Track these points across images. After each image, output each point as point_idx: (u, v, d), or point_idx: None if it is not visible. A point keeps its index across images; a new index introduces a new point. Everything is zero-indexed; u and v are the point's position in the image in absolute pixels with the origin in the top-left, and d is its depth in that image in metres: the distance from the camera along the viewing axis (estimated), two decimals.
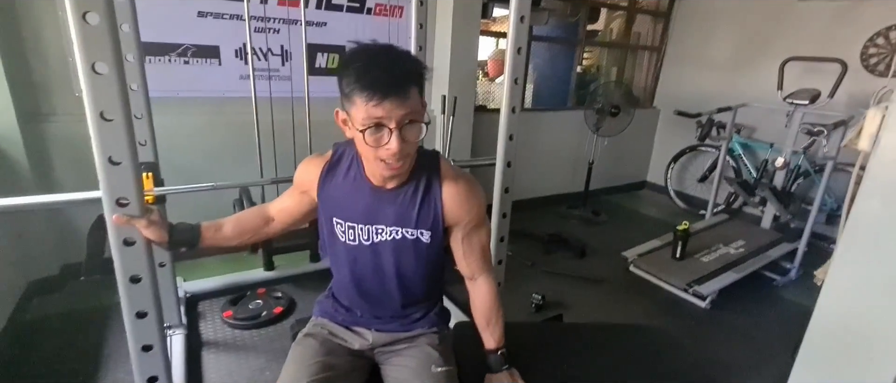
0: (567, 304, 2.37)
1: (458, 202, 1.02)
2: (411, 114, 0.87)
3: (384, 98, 0.83)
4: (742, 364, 1.96)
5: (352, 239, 1.04)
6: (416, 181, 1.01)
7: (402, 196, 1.01)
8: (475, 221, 1.06)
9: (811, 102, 2.71)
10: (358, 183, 1.02)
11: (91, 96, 0.89)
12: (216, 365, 1.77)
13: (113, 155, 0.95)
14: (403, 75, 0.86)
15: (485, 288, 1.11)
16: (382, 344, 1.11)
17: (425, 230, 1.02)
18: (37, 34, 2.02)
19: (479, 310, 1.12)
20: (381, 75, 0.84)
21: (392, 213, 1.01)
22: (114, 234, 1.00)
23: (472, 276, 1.12)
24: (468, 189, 1.03)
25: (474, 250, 1.08)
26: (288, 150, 2.23)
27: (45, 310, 2.05)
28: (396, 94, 0.84)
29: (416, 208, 1.01)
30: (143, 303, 1.07)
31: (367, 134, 0.86)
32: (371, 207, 1.01)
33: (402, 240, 1.02)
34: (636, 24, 4.27)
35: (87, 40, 0.87)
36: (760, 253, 2.79)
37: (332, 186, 1.04)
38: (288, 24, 2.49)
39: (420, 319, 1.12)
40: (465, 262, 1.09)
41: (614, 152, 3.95)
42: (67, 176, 2.16)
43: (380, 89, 0.83)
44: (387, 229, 1.02)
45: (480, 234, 1.08)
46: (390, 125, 0.86)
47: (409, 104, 0.86)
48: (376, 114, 0.84)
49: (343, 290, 1.13)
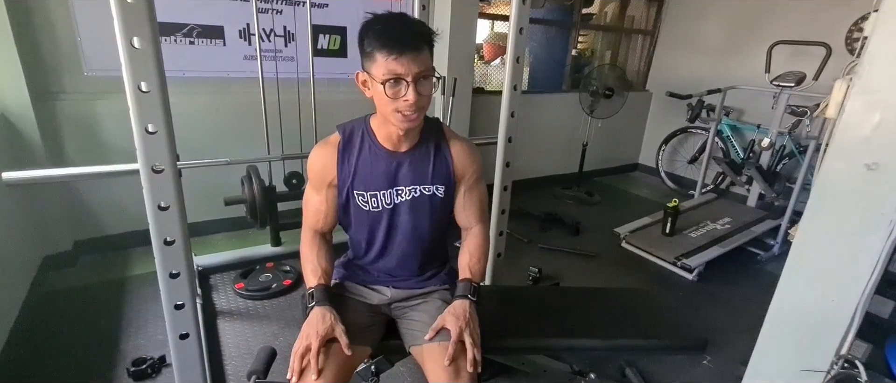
0: (562, 277, 2.49)
1: (464, 157, 1.16)
2: (425, 70, 0.98)
3: (401, 54, 0.94)
4: (725, 328, 2.10)
5: (374, 206, 1.13)
6: (426, 142, 1.14)
7: (417, 155, 1.12)
8: (476, 176, 1.19)
9: (797, 84, 2.81)
10: (374, 151, 1.11)
11: (129, 69, 0.96)
12: (232, 331, 1.87)
13: (148, 124, 1.02)
14: (418, 34, 0.98)
15: (477, 233, 1.21)
16: (399, 299, 1.20)
17: (440, 184, 1.14)
18: (47, 15, 2.05)
19: (466, 249, 1.19)
20: (399, 34, 0.95)
21: (409, 173, 1.12)
22: (149, 198, 1.08)
23: (469, 227, 1.22)
24: (470, 147, 1.19)
25: (474, 202, 1.20)
26: (293, 128, 2.30)
27: (62, 284, 2.12)
28: (412, 50, 0.95)
29: (430, 164, 1.13)
30: (175, 265, 1.15)
31: (388, 86, 0.96)
32: (390, 171, 1.11)
33: (419, 197, 1.13)
34: (630, 7, 4.33)
35: (126, 17, 0.93)
36: (745, 229, 2.93)
37: (349, 164, 1.12)
38: (291, 5, 2.53)
39: (432, 277, 1.22)
40: (464, 214, 1.21)
41: (608, 134, 4.05)
42: (75, 153, 2.22)
43: (397, 46, 0.94)
44: (406, 189, 1.12)
45: (480, 188, 1.21)
46: (408, 78, 0.96)
47: (423, 60, 0.97)
48: (395, 69, 0.95)
49: (360, 254, 1.22)
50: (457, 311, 1.07)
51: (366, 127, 1.13)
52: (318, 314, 1.04)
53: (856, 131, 0.81)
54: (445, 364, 0.99)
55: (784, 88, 2.85)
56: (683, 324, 1.43)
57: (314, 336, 1.00)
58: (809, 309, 0.96)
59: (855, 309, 0.88)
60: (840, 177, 0.84)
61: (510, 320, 1.36)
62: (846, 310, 0.90)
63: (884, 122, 0.78)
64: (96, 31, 2.13)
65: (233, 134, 2.50)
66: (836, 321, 0.92)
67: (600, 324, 1.39)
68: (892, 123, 0.77)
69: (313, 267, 1.13)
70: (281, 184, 2.34)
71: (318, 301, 1.07)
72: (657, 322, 1.43)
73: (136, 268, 2.29)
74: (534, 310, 1.44)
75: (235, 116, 2.51)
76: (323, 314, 1.04)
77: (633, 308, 1.50)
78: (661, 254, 2.67)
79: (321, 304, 1.06)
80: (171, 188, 1.09)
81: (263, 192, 2.16)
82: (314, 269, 1.12)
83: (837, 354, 0.90)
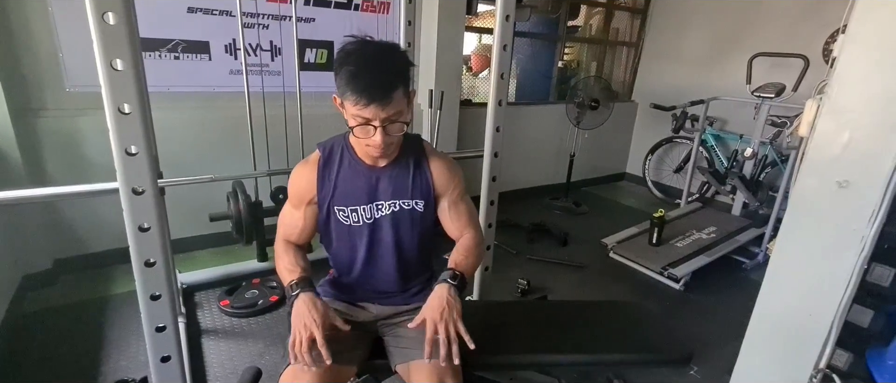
0: (551, 288, 2.50)
1: (444, 173, 1.17)
2: (394, 115, 0.99)
3: (369, 103, 0.96)
4: (712, 337, 2.12)
5: (355, 220, 1.14)
6: (405, 158, 1.15)
7: (397, 171, 1.14)
8: (459, 190, 1.20)
9: (777, 95, 2.88)
10: (354, 167, 1.14)
11: (109, 91, 0.95)
12: (216, 351, 1.84)
13: (129, 146, 1.01)
14: (388, 82, 0.97)
15: (469, 235, 1.19)
16: (385, 316, 1.20)
17: (419, 199, 1.15)
18: (27, 30, 2.03)
19: (457, 248, 1.17)
20: (368, 82, 0.96)
21: (389, 188, 1.14)
22: (129, 220, 1.06)
23: (461, 234, 1.21)
24: (450, 163, 1.20)
25: (462, 215, 1.21)
26: (279, 144, 2.29)
27: (41, 304, 2.07)
28: (381, 99, 0.96)
29: (410, 179, 1.14)
30: (156, 286, 1.13)
31: (357, 129, 1.01)
32: (370, 187, 1.13)
33: (399, 211, 1.15)
34: (615, 20, 4.41)
35: (105, 38, 0.92)
36: (730, 238, 2.97)
37: (329, 180, 1.13)
38: (278, 19, 2.53)
39: (418, 293, 1.22)
40: (454, 227, 1.21)
41: (595, 145, 4.10)
42: (58, 170, 2.18)
43: (365, 95, 0.95)
44: (386, 204, 1.14)
45: (465, 201, 1.22)
46: (375, 123, 0.98)
47: (393, 106, 0.98)
48: (361, 114, 0.97)
49: (344, 273, 1.22)
50: (433, 302, 1.03)
51: (345, 143, 1.15)
52: (308, 301, 1.01)
53: (827, 150, 0.83)
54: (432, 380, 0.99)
55: (765, 99, 2.92)
56: (670, 337, 1.43)
57: (314, 324, 0.97)
58: (789, 323, 0.97)
59: (832, 321, 0.90)
60: (813, 194, 0.86)
61: (498, 336, 1.36)
62: (824, 323, 0.91)
63: (853, 141, 0.80)
64: (78, 45, 2.11)
65: (219, 148, 2.48)
66: (815, 333, 0.93)
67: (587, 338, 1.39)
68: (860, 142, 0.80)
69: (290, 265, 1.10)
70: (267, 200, 2.32)
71: (303, 288, 1.04)
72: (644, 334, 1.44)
73: (119, 286, 2.25)
74: (521, 325, 1.44)
75: (221, 131, 2.50)
76: (313, 300, 1.01)
77: (621, 320, 1.51)
78: (647, 264, 2.69)
79: (307, 291, 1.03)
80: (152, 209, 1.08)
81: (249, 208, 2.14)
82: (291, 267, 1.09)
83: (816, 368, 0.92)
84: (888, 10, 0.74)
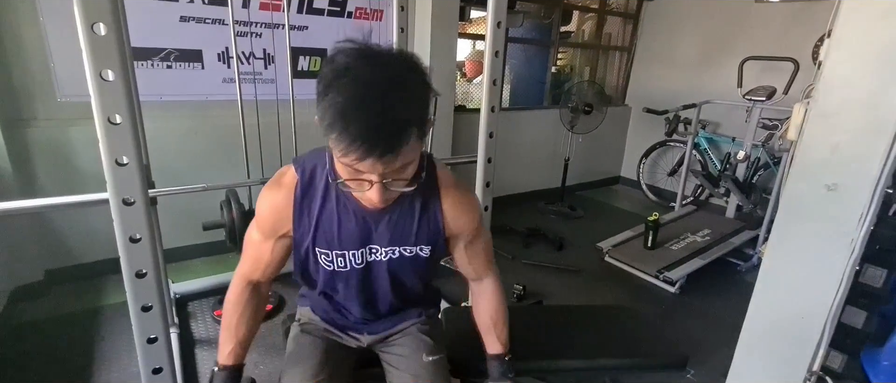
0: (547, 293, 2.49)
1: (459, 213, 0.94)
2: (400, 170, 0.74)
3: (366, 157, 0.67)
4: (708, 340, 2.12)
5: (341, 265, 0.93)
6: (411, 195, 0.88)
7: (398, 212, 0.90)
8: (476, 229, 0.99)
9: (768, 99, 2.91)
10: (342, 204, 0.88)
11: (99, 101, 0.95)
12: (210, 361, 1.82)
13: (119, 157, 1.00)
14: (396, 128, 0.68)
15: (491, 289, 1.07)
16: (377, 341, 1.14)
17: (426, 245, 0.93)
18: (18, 39, 2.02)
19: (485, 312, 1.06)
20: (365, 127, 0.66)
21: (387, 233, 0.91)
22: (120, 231, 1.06)
23: (478, 278, 1.07)
24: (467, 200, 0.96)
25: (479, 255, 1.03)
26: (273, 151, 2.28)
27: (32, 315, 2.05)
28: (382, 154, 0.68)
29: (415, 223, 0.91)
30: (148, 298, 1.12)
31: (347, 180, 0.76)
32: (362, 230, 0.90)
33: (398, 258, 0.94)
34: (607, 25, 4.44)
35: (95, 49, 0.92)
36: (725, 240, 2.98)
37: (309, 217, 0.89)
38: (270, 28, 2.53)
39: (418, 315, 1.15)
40: (470, 268, 1.05)
41: (589, 149, 4.11)
42: (48, 181, 2.16)
43: (361, 147, 0.66)
44: (382, 250, 0.93)
45: (483, 239, 1.03)
46: (372, 179, 0.73)
47: (401, 159, 0.71)
48: (355, 167, 0.71)
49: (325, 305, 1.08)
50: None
51: (330, 168, 0.81)
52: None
53: (815, 154, 0.84)
54: None
55: (756, 102, 2.94)
56: (665, 341, 1.44)
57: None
58: (782, 325, 0.98)
59: (824, 323, 0.90)
60: (803, 197, 0.87)
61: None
62: (817, 325, 0.92)
63: (841, 145, 0.81)
64: (70, 55, 2.10)
65: (211, 157, 2.47)
66: (808, 335, 0.94)
67: (583, 344, 1.39)
68: (848, 146, 0.80)
69: (230, 334, 0.94)
70: None
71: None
72: (640, 339, 1.44)
73: (111, 296, 2.22)
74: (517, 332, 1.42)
75: (214, 139, 2.49)
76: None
77: (616, 325, 1.51)
78: (643, 268, 2.69)
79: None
80: (143, 220, 1.07)
81: (243, 216, 2.13)
82: (228, 338, 0.94)
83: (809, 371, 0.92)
84: (870, 16, 0.75)
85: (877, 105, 0.77)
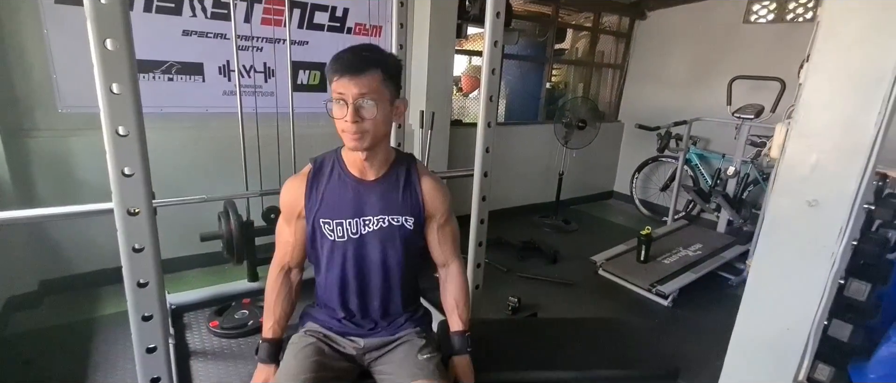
0: (541, 306, 2.51)
1: (435, 195, 1.18)
2: (367, 93, 1.00)
3: (342, 75, 0.99)
4: (699, 353, 2.14)
5: (340, 235, 1.13)
6: (396, 172, 1.16)
7: (386, 185, 1.14)
8: (447, 213, 1.21)
9: (756, 116, 2.99)
10: (342, 179, 1.14)
11: (108, 113, 0.98)
12: (206, 372, 1.81)
13: (126, 167, 1.03)
14: (364, 59, 1.01)
15: (455, 274, 1.25)
16: (373, 348, 1.19)
17: (409, 216, 1.15)
18: (21, 50, 2.05)
19: (450, 293, 1.25)
20: (345, 58, 1.01)
21: (377, 203, 1.13)
22: (123, 240, 1.07)
23: (445, 263, 1.26)
24: (441, 185, 1.21)
25: (447, 238, 1.23)
26: (272, 164, 2.31)
27: (27, 325, 2.04)
28: (353, 73, 0.99)
29: (399, 194, 1.14)
30: (149, 307, 1.14)
31: (333, 107, 1.03)
32: (357, 200, 1.13)
33: (388, 228, 1.14)
34: (600, 43, 4.55)
35: (105, 63, 0.95)
36: (716, 254, 3.03)
37: (316, 192, 1.14)
38: (272, 42, 2.58)
39: (404, 323, 1.22)
40: (439, 250, 1.24)
41: (583, 164, 4.17)
42: (47, 191, 2.17)
43: (340, 69, 1.00)
44: (373, 219, 1.13)
45: (452, 224, 1.24)
46: (347, 99, 1.00)
47: (365, 83, 1.00)
48: (337, 90, 1.01)
49: (329, 294, 1.20)
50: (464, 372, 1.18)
51: (337, 156, 1.16)
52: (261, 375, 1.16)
53: (796, 171, 0.88)
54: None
55: (745, 120, 3.02)
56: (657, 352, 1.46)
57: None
58: (768, 337, 1.01)
59: (808, 335, 0.94)
60: (786, 213, 0.91)
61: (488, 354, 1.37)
62: (801, 337, 0.95)
63: (820, 163, 0.85)
64: (72, 66, 2.13)
65: (211, 168, 2.49)
66: (794, 347, 0.97)
67: (576, 356, 1.41)
68: (827, 164, 0.85)
69: (268, 312, 1.20)
70: (259, 219, 2.32)
71: (261, 358, 1.17)
72: (632, 350, 1.47)
73: (106, 307, 2.22)
74: (511, 344, 1.46)
75: (214, 151, 2.51)
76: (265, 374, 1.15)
77: (609, 338, 1.54)
78: (636, 282, 2.73)
79: (264, 362, 1.17)
80: (146, 229, 1.09)
81: (241, 228, 2.14)
82: (268, 317, 1.19)
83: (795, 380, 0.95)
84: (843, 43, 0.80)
85: (853, 126, 0.82)
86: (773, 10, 3.60)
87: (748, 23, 3.70)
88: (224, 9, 2.42)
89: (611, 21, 4.54)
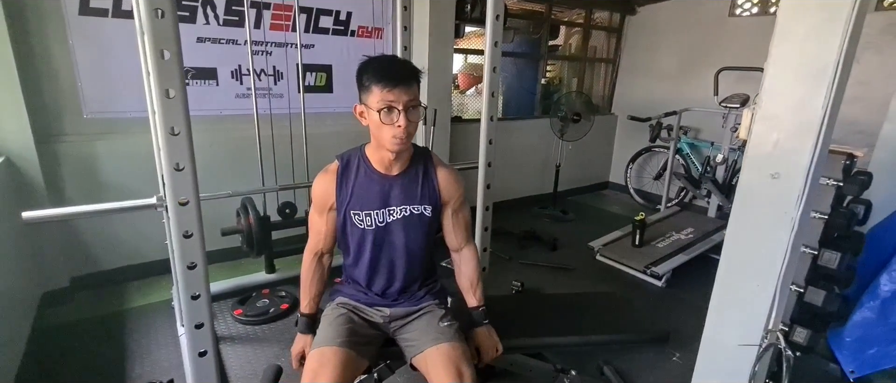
0: (543, 289, 2.66)
1: (449, 183, 1.33)
2: (414, 101, 1.17)
3: (395, 86, 1.13)
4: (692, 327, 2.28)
5: (368, 224, 1.29)
6: (415, 167, 1.31)
7: (407, 179, 1.29)
8: (461, 200, 1.36)
9: (742, 105, 3.14)
10: (369, 176, 1.28)
11: (163, 115, 1.12)
12: (234, 355, 1.96)
13: (177, 162, 1.17)
14: (408, 72, 1.18)
15: (469, 255, 1.41)
16: (398, 317, 1.35)
17: (427, 205, 1.30)
18: (48, 59, 2.17)
19: (465, 275, 1.40)
20: (393, 71, 1.16)
21: (400, 194, 1.28)
22: (175, 228, 1.21)
23: (459, 247, 1.41)
24: (455, 174, 1.36)
25: (461, 223, 1.39)
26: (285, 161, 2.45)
27: (62, 319, 2.18)
28: (404, 84, 1.15)
29: (419, 186, 1.30)
30: (197, 287, 1.28)
31: (383, 114, 1.15)
32: (383, 193, 1.28)
33: (409, 216, 1.29)
34: (592, 38, 4.70)
35: (161, 71, 1.10)
36: (707, 237, 3.19)
37: (346, 187, 1.28)
38: (281, 46, 2.71)
39: (425, 296, 1.38)
40: (453, 235, 1.39)
41: (579, 156, 4.32)
42: (75, 192, 2.31)
43: (392, 80, 1.14)
44: (397, 209, 1.29)
45: (465, 211, 1.40)
46: (399, 106, 1.14)
47: (412, 92, 1.17)
48: (389, 99, 1.14)
49: (358, 274, 1.36)
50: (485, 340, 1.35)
51: (361, 154, 1.30)
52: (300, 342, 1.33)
53: (761, 148, 1.03)
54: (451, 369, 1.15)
55: (731, 109, 3.18)
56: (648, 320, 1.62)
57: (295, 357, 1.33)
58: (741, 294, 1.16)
59: (774, 291, 1.09)
60: (753, 185, 1.06)
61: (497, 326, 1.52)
62: (768, 293, 1.10)
63: (780, 141, 1.00)
64: (96, 74, 2.26)
65: (225, 168, 2.62)
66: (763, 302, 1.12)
67: (577, 324, 1.57)
68: (786, 142, 1.00)
69: (305, 291, 1.36)
70: (275, 214, 2.46)
71: (300, 329, 1.34)
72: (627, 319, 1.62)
73: (133, 301, 2.35)
74: (518, 315, 1.61)
75: (228, 151, 2.64)
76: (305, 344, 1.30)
77: (606, 309, 1.69)
78: (631, 264, 2.88)
79: (303, 332, 1.33)
80: (194, 217, 1.23)
81: (259, 222, 2.28)
82: (305, 295, 1.36)
83: (765, 329, 1.10)
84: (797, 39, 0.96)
85: (805, 109, 0.96)
86: (757, 4, 3.76)
87: (733, 16, 3.86)
88: (235, 16, 2.55)
89: (602, 17, 4.69)
